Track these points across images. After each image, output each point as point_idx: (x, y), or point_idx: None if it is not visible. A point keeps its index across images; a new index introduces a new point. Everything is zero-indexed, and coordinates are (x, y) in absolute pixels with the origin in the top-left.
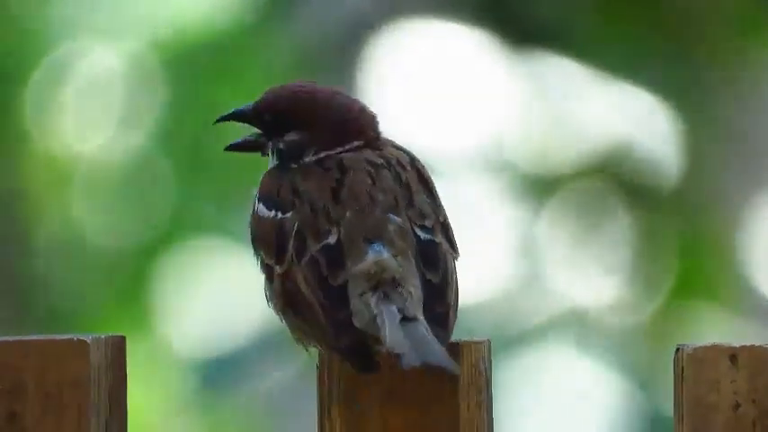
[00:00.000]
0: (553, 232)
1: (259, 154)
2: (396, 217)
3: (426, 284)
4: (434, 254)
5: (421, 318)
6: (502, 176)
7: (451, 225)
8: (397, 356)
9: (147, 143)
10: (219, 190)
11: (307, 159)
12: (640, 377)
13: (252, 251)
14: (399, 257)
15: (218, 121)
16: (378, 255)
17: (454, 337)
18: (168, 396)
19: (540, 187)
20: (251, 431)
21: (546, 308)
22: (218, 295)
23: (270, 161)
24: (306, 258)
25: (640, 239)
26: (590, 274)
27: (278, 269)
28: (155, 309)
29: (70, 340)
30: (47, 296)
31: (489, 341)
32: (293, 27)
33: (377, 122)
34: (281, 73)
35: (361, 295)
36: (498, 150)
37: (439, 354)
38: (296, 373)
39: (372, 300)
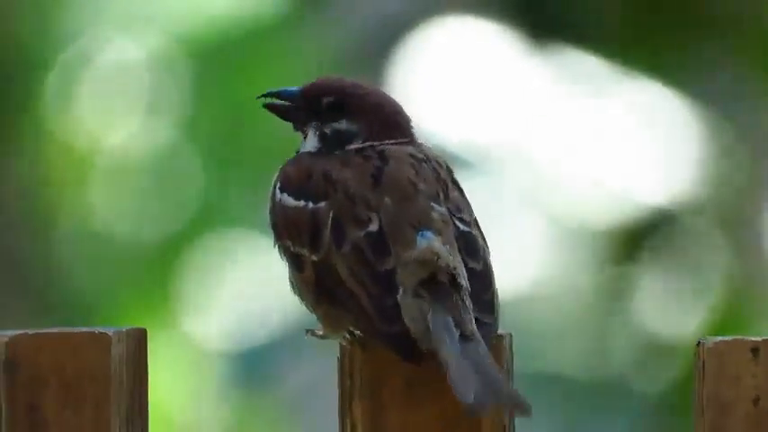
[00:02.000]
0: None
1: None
2: (438, 206)
3: (470, 272)
4: (474, 243)
5: (477, 334)
6: (530, 173)
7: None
8: (467, 407)
9: (173, 135)
10: (246, 181)
11: (349, 148)
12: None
13: (273, 240)
14: (448, 246)
15: (264, 95)
16: (429, 241)
17: None
18: (191, 389)
19: (564, 184)
20: (275, 424)
21: (571, 306)
22: (243, 288)
23: (305, 142)
24: (347, 246)
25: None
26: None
27: (313, 257)
28: (179, 301)
29: (91, 333)
30: (70, 289)
31: (511, 335)
32: (323, 21)
33: (412, 125)
34: (310, 65)
35: (415, 296)
36: (527, 147)
37: (507, 391)
38: (319, 366)
39: (429, 314)
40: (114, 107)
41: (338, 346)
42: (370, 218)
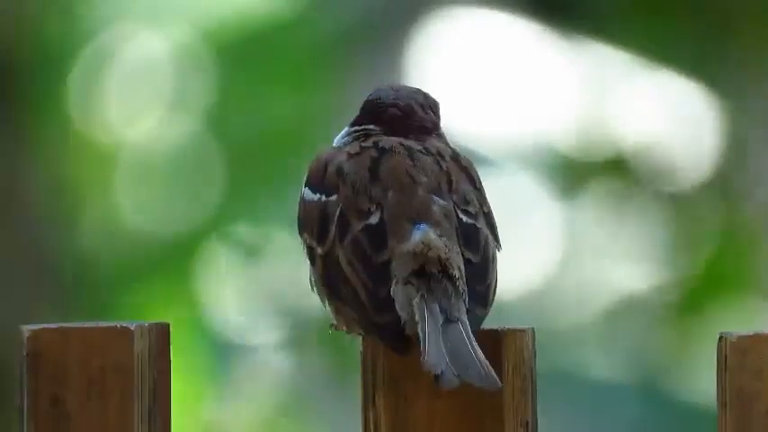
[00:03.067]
0: (595, 220)
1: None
2: (439, 198)
3: (466, 264)
4: (475, 236)
5: (464, 318)
6: (545, 164)
7: (495, 219)
8: (435, 377)
9: (197, 129)
10: (269, 176)
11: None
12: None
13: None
14: (444, 238)
15: None
16: (423, 234)
17: (499, 326)
18: (213, 383)
19: (581, 174)
20: (294, 418)
21: (586, 297)
22: (265, 283)
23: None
24: (348, 239)
25: (680, 226)
26: (629, 262)
27: (319, 250)
28: (202, 296)
29: (114, 327)
30: (94, 283)
31: (533, 330)
32: (338, 15)
33: (414, 122)
34: (328, 60)
35: (405, 284)
36: (542, 138)
37: (477, 369)
38: (341, 360)
39: (416, 298)
40: (138, 102)
41: (360, 341)
42: (370, 209)
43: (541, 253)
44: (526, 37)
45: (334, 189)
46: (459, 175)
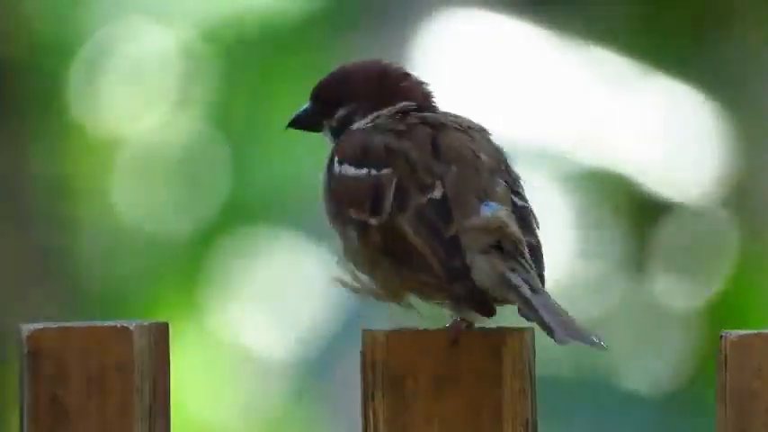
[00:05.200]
0: (606, 226)
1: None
2: (500, 179)
3: (527, 246)
4: (528, 219)
5: (543, 288)
6: (550, 168)
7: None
8: (550, 330)
9: (201, 127)
10: (274, 175)
11: (356, 125)
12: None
13: (329, 211)
14: (513, 217)
15: (288, 127)
16: (495, 211)
17: (497, 325)
18: (215, 383)
19: (589, 180)
20: (296, 416)
21: (604, 300)
22: (270, 283)
23: (327, 142)
24: (410, 210)
25: (692, 236)
26: (646, 270)
27: (373, 221)
28: (205, 296)
29: (113, 327)
30: (96, 281)
31: (533, 330)
32: (342, 15)
33: (427, 90)
34: (331, 60)
35: (485, 253)
36: (541, 142)
37: (583, 331)
38: (343, 360)
39: (501, 266)
40: (141, 100)
41: (361, 341)
42: (433, 184)
43: (556, 259)
44: (526, 39)
45: (384, 163)
46: (502, 152)
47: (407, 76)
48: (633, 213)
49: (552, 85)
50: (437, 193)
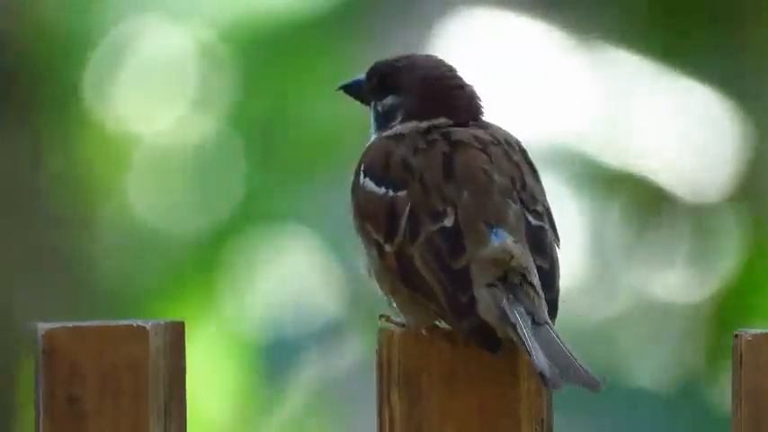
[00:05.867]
0: (619, 225)
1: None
2: (512, 202)
3: (537, 270)
4: (543, 240)
5: (550, 321)
6: (566, 170)
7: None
8: (543, 379)
9: (217, 125)
10: (290, 174)
11: (394, 125)
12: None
13: (354, 222)
14: (520, 245)
15: (339, 89)
16: (502, 241)
17: None
18: (231, 381)
19: (604, 181)
20: (313, 417)
21: (615, 301)
22: (285, 281)
23: (371, 124)
24: (420, 239)
25: (704, 234)
26: (656, 268)
27: (388, 248)
28: (222, 295)
29: (129, 326)
30: (112, 280)
31: None
32: (359, 14)
33: (477, 104)
34: (349, 58)
35: (489, 286)
36: (559, 143)
37: (582, 372)
38: (359, 359)
39: (504, 301)
40: (158, 98)
41: (377, 339)
42: (445, 211)
43: (567, 258)
44: (541, 39)
45: (401, 184)
46: (525, 167)
47: (462, 87)
48: (646, 211)
49: (567, 85)
50: (448, 222)
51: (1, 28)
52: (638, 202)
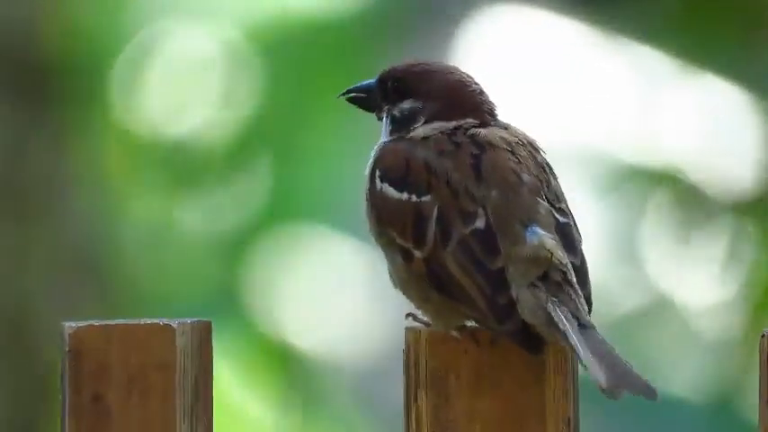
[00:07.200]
0: (648, 225)
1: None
2: (542, 199)
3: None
4: (571, 237)
5: (593, 323)
6: (594, 167)
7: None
8: (602, 388)
9: (242, 127)
10: (314, 175)
11: (416, 127)
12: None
13: (373, 229)
14: (556, 241)
15: (343, 93)
16: (540, 238)
17: None
18: (257, 382)
19: (632, 177)
20: (338, 417)
21: (643, 302)
22: (310, 283)
23: (383, 128)
24: (453, 243)
25: (736, 233)
26: (687, 270)
27: (418, 254)
28: (247, 296)
29: (156, 325)
30: (138, 280)
31: None
32: (384, 13)
33: (493, 105)
34: (373, 59)
35: (531, 287)
36: (587, 142)
37: (634, 376)
38: (385, 359)
39: (548, 303)
40: (183, 99)
41: (404, 339)
42: (476, 212)
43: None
44: (570, 37)
45: (425, 188)
46: (546, 167)
47: (480, 89)
48: (678, 210)
49: (596, 83)
50: (480, 223)
51: (31, 27)
52: (670, 200)
